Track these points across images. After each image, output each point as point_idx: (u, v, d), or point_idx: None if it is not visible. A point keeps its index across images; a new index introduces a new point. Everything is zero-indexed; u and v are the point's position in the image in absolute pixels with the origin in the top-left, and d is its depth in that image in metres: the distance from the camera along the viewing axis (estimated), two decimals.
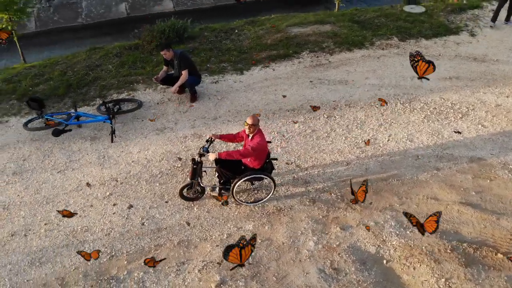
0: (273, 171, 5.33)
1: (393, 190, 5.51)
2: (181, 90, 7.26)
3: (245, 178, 4.98)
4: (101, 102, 6.85)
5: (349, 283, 4.40)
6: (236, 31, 9.44)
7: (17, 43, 8.96)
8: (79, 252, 4.46)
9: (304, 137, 6.42)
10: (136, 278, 4.50)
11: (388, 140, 6.31)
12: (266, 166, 5.09)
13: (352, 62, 8.25)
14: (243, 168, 5.06)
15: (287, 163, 5.94)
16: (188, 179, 5.17)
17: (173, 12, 16.59)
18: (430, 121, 6.65)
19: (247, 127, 4.79)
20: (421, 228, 4.01)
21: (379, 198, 5.39)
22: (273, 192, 5.25)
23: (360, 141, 6.31)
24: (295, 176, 5.75)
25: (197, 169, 5.00)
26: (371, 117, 6.80)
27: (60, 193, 5.52)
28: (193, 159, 5.00)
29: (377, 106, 7.01)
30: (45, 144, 6.29)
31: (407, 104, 7.04)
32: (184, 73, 6.77)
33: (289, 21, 9.69)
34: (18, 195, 5.48)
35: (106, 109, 6.26)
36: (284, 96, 7.27)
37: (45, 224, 5.10)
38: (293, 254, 4.72)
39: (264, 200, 5.30)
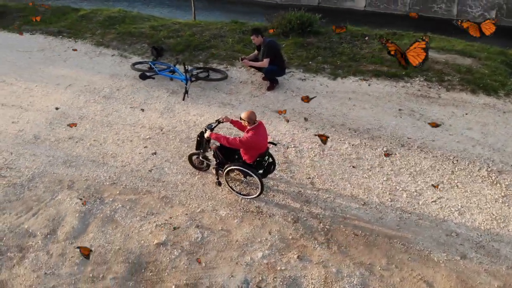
0: (282, 177, 5.21)
1: (389, 252, 4.68)
2: (266, 77, 7.52)
3: (232, 167, 5.07)
4: (189, 65, 7.71)
5: None
6: (367, 38, 8.94)
7: (192, 2, 10.52)
8: None
9: (343, 160, 5.92)
10: (113, 207, 5.25)
11: (433, 201, 5.26)
12: (258, 165, 5.03)
13: (467, 106, 6.88)
14: (237, 157, 5.14)
15: (307, 178, 5.66)
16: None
17: (362, 11, 16.45)
18: (506, 204, 5.18)
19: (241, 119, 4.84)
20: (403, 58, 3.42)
21: (365, 251, 4.68)
22: (260, 193, 5.15)
23: (400, 190, 5.45)
24: (301, 191, 5.45)
25: (201, 142, 5.33)
26: (437, 170, 5.71)
27: (119, 123, 6.68)
28: (201, 132, 5.34)
29: (453, 162, 5.82)
30: (138, 84, 7.58)
31: (493, 174, 5.60)
32: (265, 61, 6.99)
33: (431, 43, 8.57)
34: (94, 113, 6.90)
35: (185, 71, 7.09)
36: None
37: (94, 140, 6.33)
38: (235, 254, 4.66)
39: (251, 197, 5.27)
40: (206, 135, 5.03)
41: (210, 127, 5.19)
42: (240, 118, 4.89)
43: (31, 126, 6.57)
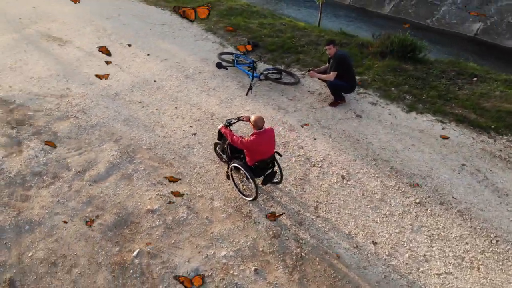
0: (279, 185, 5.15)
1: None
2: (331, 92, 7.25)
3: (233, 165, 5.20)
4: (271, 65, 7.89)
5: None
6: (475, 79, 7.79)
7: (320, 9, 10.52)
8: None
9: (363, 196, 5.46)
10: (136, 168, 5.92)
11: (436, 274, 4.51)
12: (258, 170, 5.04)
13: None
14: (242, 156, 5.24)
15: (315, 201, 5.43)
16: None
17: None
18: None
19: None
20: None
21: None
22: (254, 198, 5.18)
23: (407, 248, 4.80)
24: (301, 211, 5.26)
25: (222, 134, 5.58)
26: (465, 243, 4.83)
27: (184, 100, 7.37)
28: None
29: (492, 241, 4.83)
30: (218, 72, 8.16)
31: None
32: (332, 74, 6.77)
33: None
34: (170, 87, 7.74)
35: (252, 68, 7.35)
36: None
37: (156, 109, 7.15)
38: (203, 244, 4.84)
39: (248, 199, 5.33)
40: (219, 127, 5.27)
41: (229, 122, 5.40)
42: (249, 120, 4.98)
43: (117, 84, 7.76)
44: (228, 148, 5.38)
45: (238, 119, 5.46)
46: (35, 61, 8.44)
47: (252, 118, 4.84)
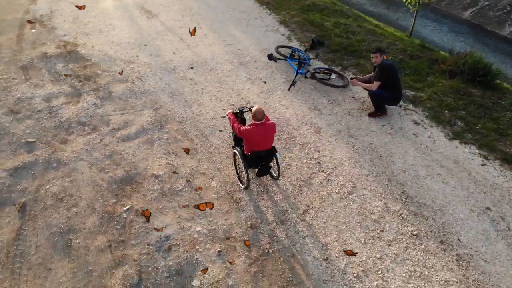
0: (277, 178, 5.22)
1: None
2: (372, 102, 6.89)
3: (233, 150, 5.39)
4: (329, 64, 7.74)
5: (155, 261, 4.66)
6: None
7: (414, 18, 9.72)
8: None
9: (359, 213, 5.22)
10: (161, 136, 6.46)
11: None
12: (252, 160, 5.15)
13: None
14: (242, 144, 5.39)
15: (306, 205, 5.37)
16: None
17: None
18: None
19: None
20: None
21: None
22: (245, 187, 5.34)
23: (379, 276, 4.53)
24: (289, 211, 5.25)
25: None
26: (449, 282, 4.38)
27: (229, 84, 7.70)
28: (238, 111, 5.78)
29: None
30: (272, 64, 8.27)
31: None
32: (374, 83, 6.45)
33: None
34: (222, 70, 8.11)
35: (298, 64, 7.32)
36: None
37: (201, 88, 7.61)
38: (185, 215, 5.16)
39: (242, 186, 5.50)
40: (227, 112, 5.48)
41: (241, 110, 5.58)
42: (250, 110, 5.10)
43: (178, 60, 8.42)
44: (232, 134, 5.58)
45: (250, 108, 5.61)
46: (121, 28, 9.56)
47: (253, 109, 4.96)
